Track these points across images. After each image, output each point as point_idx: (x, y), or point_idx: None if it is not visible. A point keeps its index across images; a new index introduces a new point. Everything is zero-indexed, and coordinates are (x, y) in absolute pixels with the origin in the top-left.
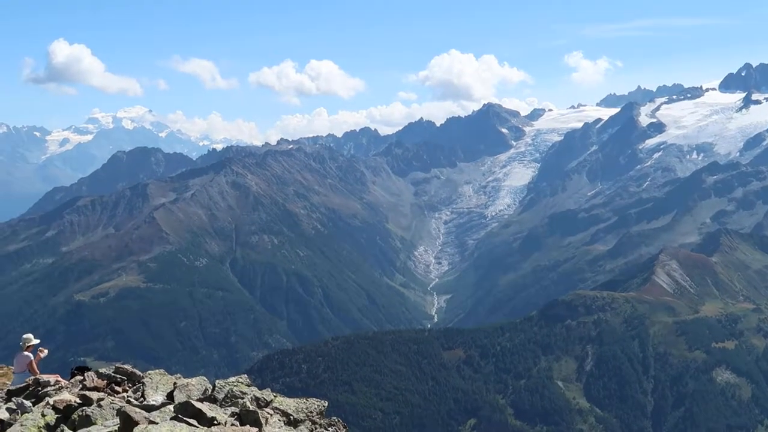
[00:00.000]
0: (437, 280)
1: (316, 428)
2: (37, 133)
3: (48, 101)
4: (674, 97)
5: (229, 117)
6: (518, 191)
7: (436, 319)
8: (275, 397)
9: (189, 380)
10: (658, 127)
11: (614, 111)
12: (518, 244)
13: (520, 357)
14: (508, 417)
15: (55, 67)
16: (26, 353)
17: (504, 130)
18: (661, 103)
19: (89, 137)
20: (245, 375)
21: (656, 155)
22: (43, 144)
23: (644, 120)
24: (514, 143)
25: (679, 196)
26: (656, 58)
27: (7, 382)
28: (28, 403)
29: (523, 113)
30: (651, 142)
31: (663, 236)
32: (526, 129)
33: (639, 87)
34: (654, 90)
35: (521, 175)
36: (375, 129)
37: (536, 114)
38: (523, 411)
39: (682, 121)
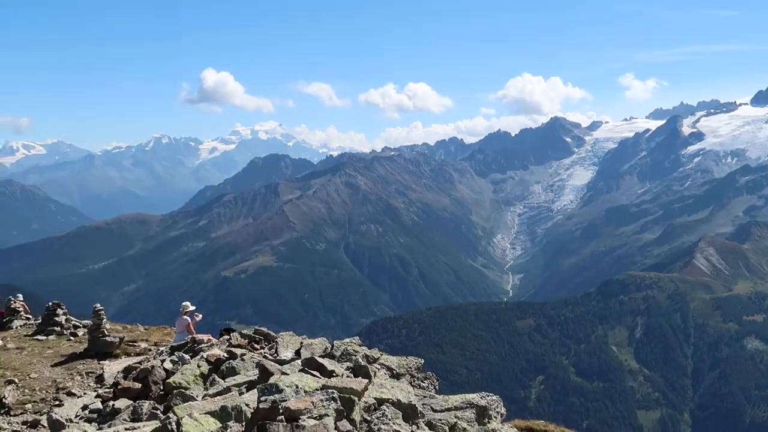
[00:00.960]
0: (512, 262)
1: (414, 381)
2: (192, 143)
3: (200, 118)
4: (712, 110)
5: (343, 129)
6: (579, 189)
7: (510, 294)
8: (381, 355)
9: (312, 340)
10: (698, 136)
11: (660, 123)
12: (579, 232)
13: (580, 326)
14: (570, 375)
15: (205, 90)
16: (185, 317)
17: (568, 139)
18: (701, 116)
19: (232, 146)
20: (357, 337)
21: (696, 159)
22: (197, 152)
23: (686, 130)
24: (576, 150)
25: (716, 194)
26: (697, 78)
27: (170, 340)
28: (186, 356)
29: (583, 125)
30: (692, 149)
31: (702, 227)
32: (586, 138)
33: (682, 102)
34: (695, 105)
35: (582, 176)
36: (461, 139)
37: (595, 125)
38: (582, 370)
39: (718, 131)
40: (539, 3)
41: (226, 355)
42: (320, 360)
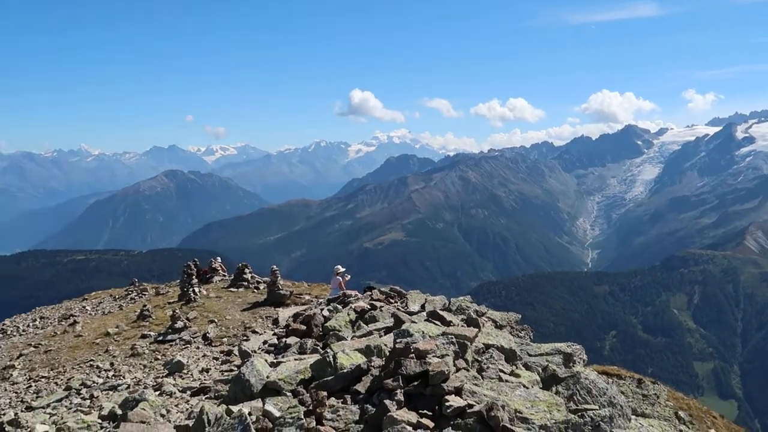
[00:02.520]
0: (591, 240)
1: (513, 331)
2: (343, 146)
3: (349, 126)
4: (762, 119)
5: (457, 135)
6: (648, 183)
7: (590, 266)
8: (487, 310)
9: (434, 297)
10: (750, 140)
11: (718, 129)
12: (647, 217)
13: (647, 292)
14: (638, 331)
15: (353, 106)
16: (337, 277)
17: (639, 142)
18: (753, 123)
19: (373, 148)
20: (468, 296)
21: (748, 159)
22: (346, 152)
23: (740, 135)
24: (646, 151)
25: (765, 187)
26: (750, 92)
27: (327, 294)
28: (339, 306)
29: (652, 131)
30: (744, 150)
31: (752, 214)
32: (654, 141)
33: (736, 112)
34: (747, 114)
35: (650, 171)
36: (551, 142)
37: (662, 131)
38: (648, 327)
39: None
40: (617, 36)
41: (368, 306)
42: (440, 312)
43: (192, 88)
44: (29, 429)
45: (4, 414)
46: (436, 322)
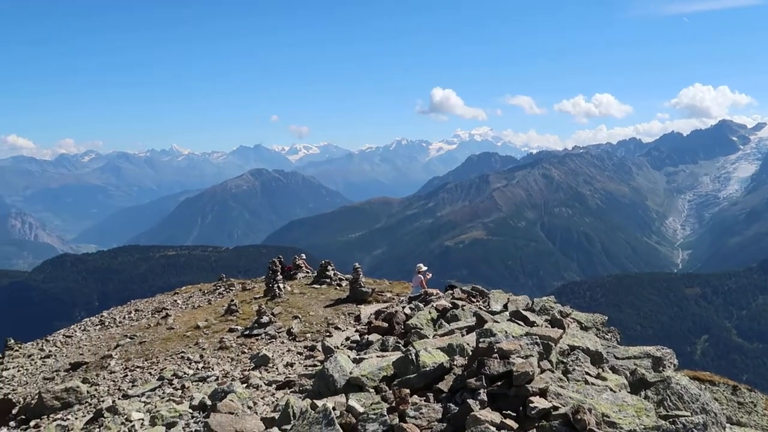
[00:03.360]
0: (681, 240)
1: (599, 333)
2: (424, 144)
3: (430, 125)
4: None
5: (540, 132)
6: (743, 180)
7: (680, 267)
8: (572, 311)
9: (516, 297)
10: None
11: None
12: (743, 216)
13: (742, 295)
14: (732, 336)
15: (434, 104)
16: (419, 275)
17: (734, 138)
18: None
19: (454, 146)
20: (552, 296)
21: None
22: (427, 151)
23: None
24: (742, 147)
25: None
26: None
27: (408, 292)
28: (420, 305)
29: (749, 126)
30: None
31: None
32: (751, 137)
33: None
34: None
35: (746, 169)
36: (639, 139)
37: (759, 126)
38: (743, 332)
39: None
40: (711, 28)
41: (450, 305)
42: (524, 312)
43: (277, 89)
44: (125, 416)
45: (102, 401)
46: (519, 322)
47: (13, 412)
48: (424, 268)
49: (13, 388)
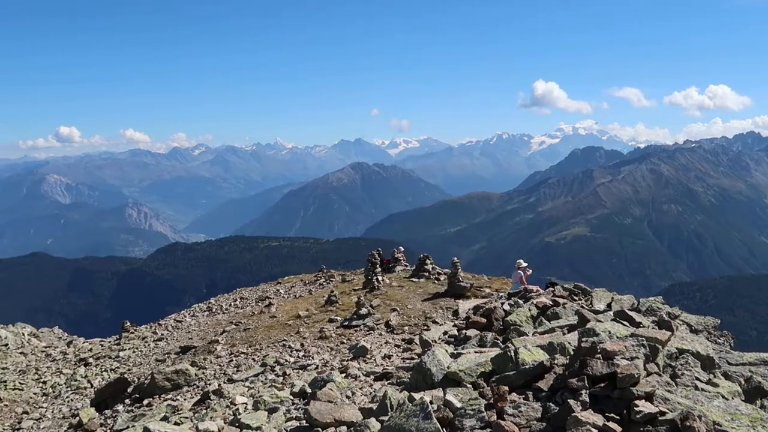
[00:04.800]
0: None
1: (710, 337)
2: (525, 138)
3: (532, 118)
4: None
5: (649, 126)
6: None
7: None
8: (681, 313)
9: (621, 296)
10: None
11: None
12: None
13: None
14: None
15: (536, 97)
16: (519, 271)
17: None
18: None
19: (557, 140)
20: (660, 297)
21: None
22: (529, 145)
23: None
24: None
25: None
26: None
27: (507, 288)
28: (520, 301)
29: None
30: None
31: None
32: None
33: None
34: None
35: None
36: (758, 132)
37: None
38: None
39: None
40: None
41: (551, 302)
42: (629, 312)
43: (378, 83)
44: (230, 399)
45: (209, 384)
46: (624, 322)
47: (128, 390)
48: (524, 264)
49: (129, 368)
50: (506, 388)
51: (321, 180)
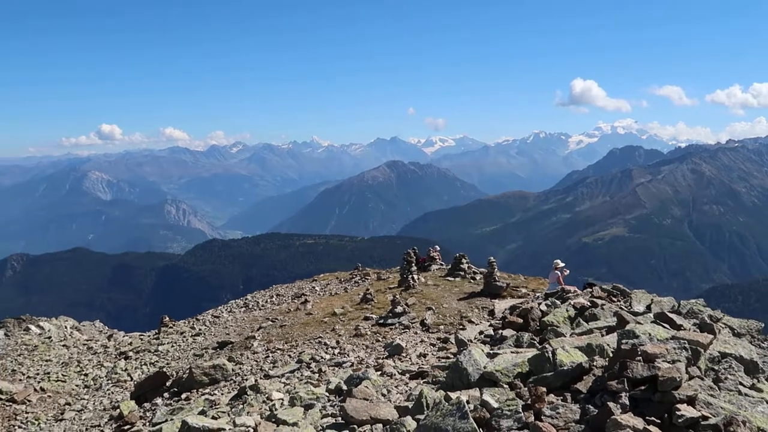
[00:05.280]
0: None
1: (754, 341)
2: (563, 137)
3: (569, 117)
4: None
5: (690, 125)
6: None
7: None
8: (723, 315)
9: (661, 298)
10: None
11: None
12: None
13: None
14: None
15: (574, 96)
16: (556, 271)
17: None
18: None
19: (595, 139)
20: (701, 299)
21: None
22: (566, 144)
23: None
24: None
25: None
26: None
27: (544, 288)
28: (557, 302)
29: None
30: None
31: None
32: None
33: None
34: None
35: None
36: None
37: None
38: None
39: None
40: None
41: (588, 303)
42: (670, 315)
43: (414, 82)
44: (267, 395)
45: (246, 379)
46: (665, 324)
47: (167, 384)
48: (562, 265)
49: (167, 362)
50: (544, 389)
51: (357, 178)
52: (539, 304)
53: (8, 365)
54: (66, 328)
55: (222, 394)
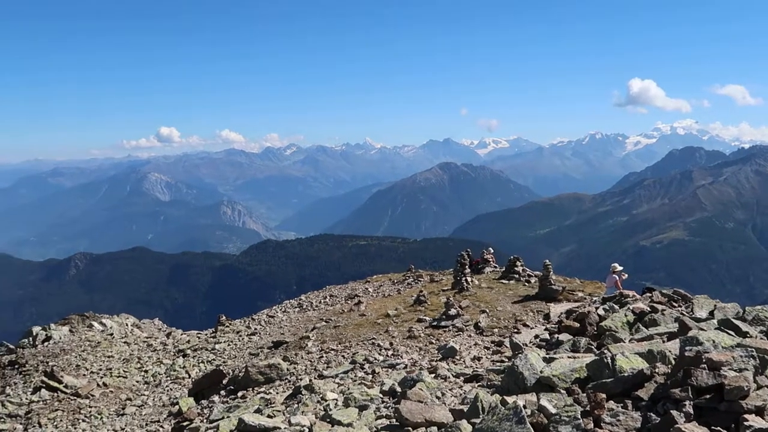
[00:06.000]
0: None
1: None
2: (620, 138)
3: (627, 117)
4: None
5: (755, 125)
6: None
7: None
8: None
9: (725, 304)
10: None
11: None
12: None
13: None
14: None
15: (632, 96)
16: (614, 275)
17: None
18: None
19: (653, 140)
20: (767, 305)
21: None
22: (623, 145)
23: None
24: None
25: None
26: None
27: (601, 293)
28: (615, 306)
29: None
30: None
31: None
32: None
33: None
34: None
35: None
36: None
37: None
38: None
39: None
40: None
41: (648, 308)
42: (735, 321)
43: (466, 82)
44: (321, 395)
45: (300, 379)
46: (729, 331)
47: (224, 382)
48: (620, 268)
49: (224, 361)
50: (603, 395)
51: (409, 180)
52: (596, 308)
53: (72, 361)
54: (127, 325)
55: (277, 393)
